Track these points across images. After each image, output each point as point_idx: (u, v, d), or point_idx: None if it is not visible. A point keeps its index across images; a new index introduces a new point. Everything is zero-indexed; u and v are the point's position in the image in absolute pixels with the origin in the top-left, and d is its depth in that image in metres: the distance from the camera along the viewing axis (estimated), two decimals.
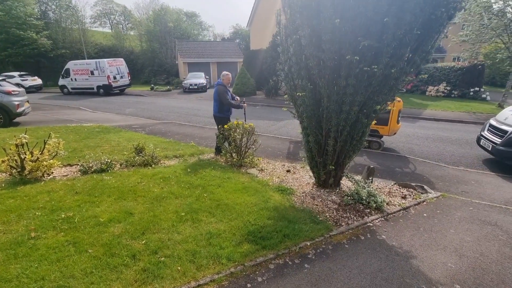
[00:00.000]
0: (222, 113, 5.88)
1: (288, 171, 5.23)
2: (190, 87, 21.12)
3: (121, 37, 36.11)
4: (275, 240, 2.82)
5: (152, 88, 23.16)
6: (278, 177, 4.83)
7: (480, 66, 14.54)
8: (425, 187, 4.46)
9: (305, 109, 3.61)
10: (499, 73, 20.72)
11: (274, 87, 16.29)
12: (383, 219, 3.49)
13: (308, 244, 2.83)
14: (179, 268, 2.38)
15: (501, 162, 5.63)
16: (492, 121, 5.93)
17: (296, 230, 3.02)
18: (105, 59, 20.12)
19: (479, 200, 4.18)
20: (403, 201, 3.99)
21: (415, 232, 3.22)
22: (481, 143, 6.00)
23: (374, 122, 6.60)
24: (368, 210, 3.63)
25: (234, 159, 5.42)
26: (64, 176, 4.55)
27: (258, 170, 5.23)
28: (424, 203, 4.01)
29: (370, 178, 4.24)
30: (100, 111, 13.30)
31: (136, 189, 3.95)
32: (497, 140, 5.43)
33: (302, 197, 3.99)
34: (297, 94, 3.48)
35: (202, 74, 23.36)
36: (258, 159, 5.76)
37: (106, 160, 4.95)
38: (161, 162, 5.44)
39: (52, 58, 27.89)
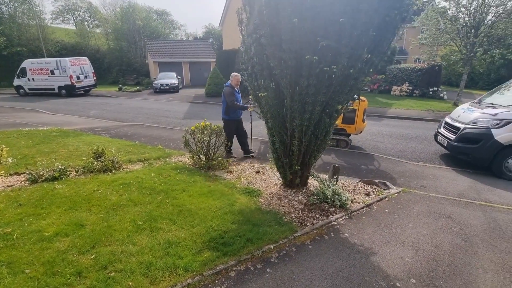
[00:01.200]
0: (228, 116, 5.77)
1: (257, 172, 5.17)
2: (161, 87, 20.46)
3: (85, 34, 33.99)
4: (238, 245, 2.73)
5: (120, 89, 22.07)
6: (246, 178, 4.76)
7: (437, 67, 15.63)
8: (387, 183, 4.63)
9: (269, 109, 3.56)
10: (454, 74, 22.42)
11: (247, 88, 16.23)
12: (347, 217, 3.54)
13: (272, 247, 2.78)
14: (130, 283, 2.20)
15: (455, 156, 6.03)
16: (447, 119, 6.33)
17: (260, 233, 2.95)
18: (67, 58, 18.81)
19: (435, 194, 4.41)
20: (367, 198, 4.09)
21: (376, 228, 3.29)
22: (438, 139, 6.38)
23: (340, 121, 6.87)
24: (333, 209, 3.66)
25: (202, 162, 5.27)
26: (8, 186, 4.10)
27: (227, 172, 5.11)
28: (386, 199, 4.14)
29: (335, 177, 4.30)
30: (61, 113, 12.38)
31: (91, 197, 3.65)
32: (451, 136, 5.79)
33: (269, 199, 3.94)
34: (260, 94, 3.42)
35: (174, 74, 22.72)
36: (228, 161, 5.64)
37: (60, 167, 4.55)
38: (123, 167, 5.13)
39: (6, 56, 25.59)
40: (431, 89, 15.66)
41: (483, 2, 11.42)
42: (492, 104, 5.70)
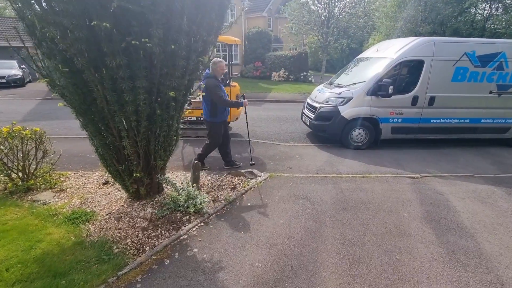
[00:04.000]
0: (216, 117, 4.17)
1: (105, 182, 4.04)
2: None
3: None
4: None
5: None
6: (82, 196, 3.56)
7: (304, 54, 17.64)
8: (255, 171, 4.41)
9: (72, 102, 2.52)
10: (318, 61, 26.14)
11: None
12: (202, 223, 2.99)
13: None
14: None
15: (316, 134, 6.58)
16: (308, 100, 6.81)
17: None
18: None
19: (298, 174, 4.49)
20: (231, 194, 3.69)
21: (233, 231, 2.88)
22: (303, 119, 6.81)
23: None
24: (187, 217, 3.05)
25: (17, 182, 3.69)
26: None
27: (56, 191, 3.74)
28: (252, 189, 3.87)
29: (196, 174, 3.70)
30: None
31: None
32: (312, 115, 6.23)
33: (103, 222, 2.96)
34: (39, 81, 2.33)
35: (14, 62, 17.02)
36: (63, 175, 4.21)
37: None
38: None
39: None
40: (302, 74, 17.60)
41: None
42: (338, 84, 6.40)
